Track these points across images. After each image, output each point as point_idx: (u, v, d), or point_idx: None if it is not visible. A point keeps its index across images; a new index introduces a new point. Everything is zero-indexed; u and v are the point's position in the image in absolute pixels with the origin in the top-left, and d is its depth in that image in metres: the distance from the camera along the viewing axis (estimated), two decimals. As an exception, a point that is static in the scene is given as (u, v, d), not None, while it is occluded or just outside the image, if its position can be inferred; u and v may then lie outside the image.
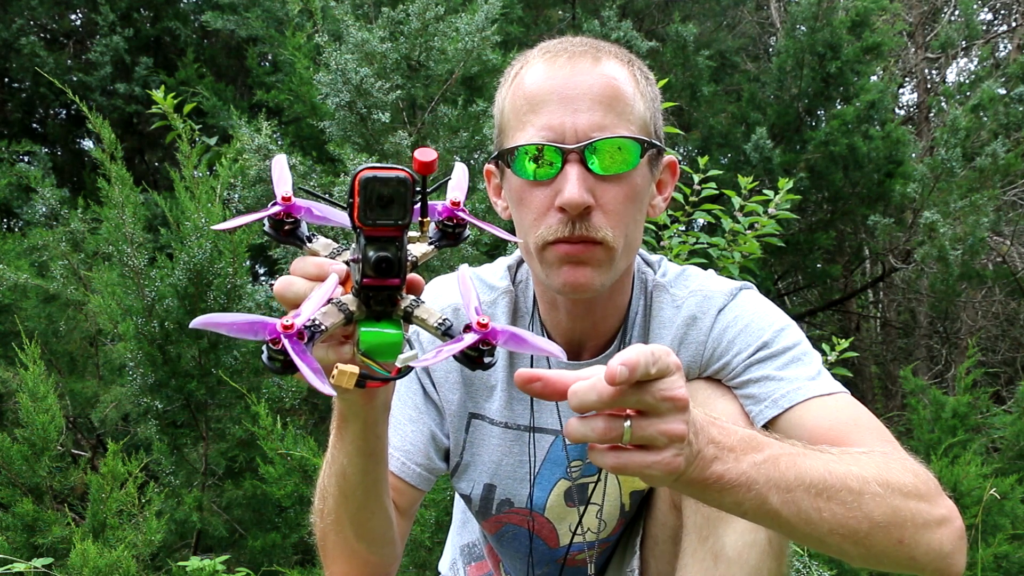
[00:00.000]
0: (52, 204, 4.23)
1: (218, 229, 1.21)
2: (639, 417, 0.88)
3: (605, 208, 1.23)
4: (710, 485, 0.95)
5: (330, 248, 0.98)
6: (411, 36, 3.67)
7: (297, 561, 3.16)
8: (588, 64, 1.25)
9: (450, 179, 1.00)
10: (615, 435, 0.88)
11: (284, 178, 0.97)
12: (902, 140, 5.65)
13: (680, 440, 0.89)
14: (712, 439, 0.94)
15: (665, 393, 0.87)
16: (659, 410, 0.88)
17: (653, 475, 0.90)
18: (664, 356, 0.88)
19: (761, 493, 0.96)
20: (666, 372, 0.88)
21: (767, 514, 0.99)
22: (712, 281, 1.43)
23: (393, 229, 0.87)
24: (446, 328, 0.93)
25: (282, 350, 0.84)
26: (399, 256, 0.88)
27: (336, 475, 1.17)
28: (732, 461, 0.95)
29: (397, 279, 0.89)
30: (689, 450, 0.91)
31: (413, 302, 0.93)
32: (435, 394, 1.42)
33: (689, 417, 0.90)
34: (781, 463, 0.98)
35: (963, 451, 3.65)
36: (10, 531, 2.61)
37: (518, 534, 1.52)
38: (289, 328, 0.84)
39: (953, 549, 1.11)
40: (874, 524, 1.04)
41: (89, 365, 3.94)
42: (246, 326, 0.85)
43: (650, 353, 0.86)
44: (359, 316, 0.91)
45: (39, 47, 6.05)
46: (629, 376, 0.85)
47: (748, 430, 1.01)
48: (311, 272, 0.93)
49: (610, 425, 0.88)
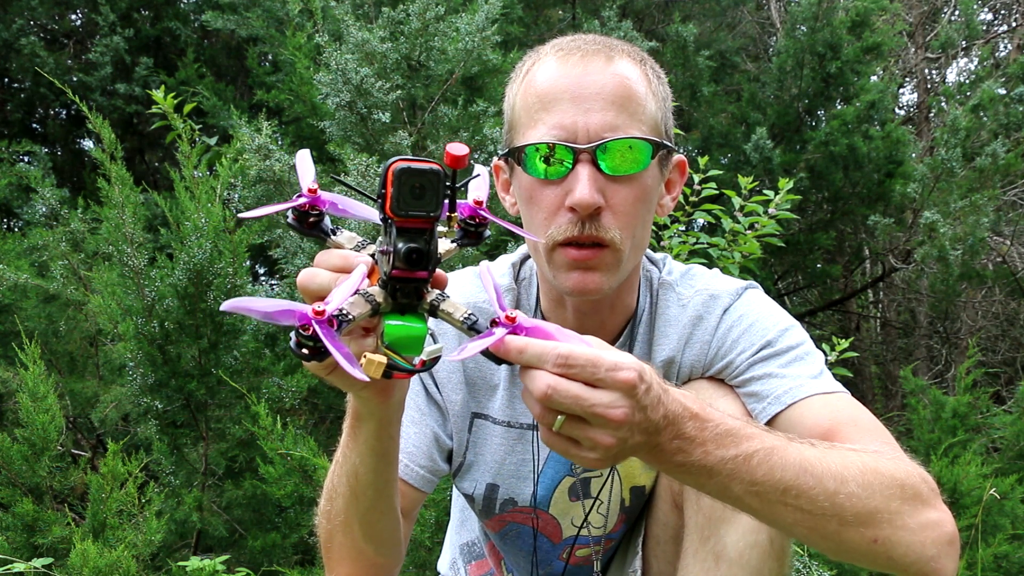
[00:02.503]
0: (52, 204, 4.22)
1: (245, 217, 1.22)
2: (572, 418, 0.92)
3: (615, 209, 1.23)
4: (670, 470, 1.02)
5: (354, 241, 0.99)
6: (411, 36, 3.66)
7: (297, 561, 3.16)
8: (601, 63, 1.24)
9: (472, 179, 1.01)
10: (547, 422, 0.93)
11: (308, 171, 0.98)
12: (902, 140, 5.65)
13: (606, 448, 0.93)
14: (680, 434, 0.97)
15: (595, 410, 0.90)
16: (589, 421, 0.92)
17: (578, 462, 0.97)
18: (611, 373, 0.90)
19: (723, 483, 1.00)
20: (601, 385, 0.91)
21: (729, 500, 1.03)
22: (717, 280, 1.43)
23: (424, 221, 0.87)
24: (472, 323, 0.93)
25: (312, 336, 0.85)
26: (429, 248, 0.88)
27: (347, 475, 1.17)
28: (699, 454, 0.98)
29: (425, 271, 0.89)
30: (620, 448, 0.94)
31: (439, 296, 0.94)
32: (438, 395, 1.42)
33: (623, 432, 0.93)
34: (754, 460, 1.00)
35: (963, 451, 3.65)
36: (10, 531, 2.61)
37: (522, 532, 1.52)
38: (320, 314, 0.84)
39: (938, 553, 1.10)
40: (844, 522, 1.04)
41: (89, 365, 3.94)
42: (278, 312, 0.85)
43: (592, 360, 0.90)
44: (385, 308, 0.92)
45: (39, 47, 6.05)
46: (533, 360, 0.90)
47: (736, 423, 1.02)
48: (336, 264, 0.94)
49: (544, 413, 0.92)
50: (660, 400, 0.95)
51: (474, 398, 1.43)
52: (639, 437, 0.94)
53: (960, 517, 3.18)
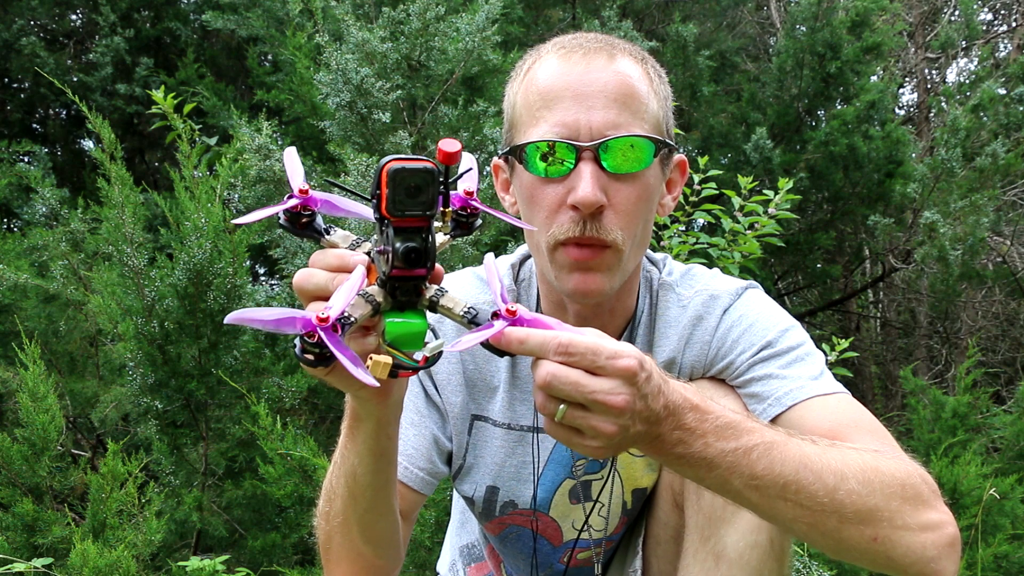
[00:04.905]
0: (52, 204, 4.23)
1: (238, 223, 1.21)
2: (574, 406, 0.92)
3: (617, 208, 1.22)
4: (670, 462, 1.02)
5: (349, 240, 0.98)
6: (411, 36, 3.66)
7: (297, 561, 3.16)
8: (603, 61, 1.24)
9: (462, 170, 1.01)
10: (549, 412, 0.93)
11: (297, 170, 0.97)
12: (902, 140, 5.65)
13: (608, 436, 0.93)
14: (681, 424, 0.98)
15: (595, 397, 0.91)
16: (590, 408, 0.92)
17: (581, 451, 0.97)
18: (611, 361, 0.91)
19: (722, 476, 1.00)
20: (602, 373, 0.91)
21: (729, 494, 1.03)
22: (717, 280, 1.42)
23: (421, 220, 0.87)
24: (472, 317, 0.94)
25: (318, 343, 0.85)
26: (427, 246, 0.88)
27: (346, 476, 1.17)
28: (699, 446, 0.98)
29: (424, 269, 0.89)
30: (622, 437, 0.94)
31: (438, 291, 0.94)
32: (437, 397, 1.41)
33: (625, 419, 0.93)
34: (753, 454, 1.00)
35: (963, 451, 3.65)
36: (10, 531, 2.61)
37: (522, 535, 1.51)
38: (324, 320, 0.84)
39: (938, 555, 1.09)
40: (844, 520, 1.04)
41: (89, 365, 3.94)
42: (280, 321, 0.85)
43: (592, 348, 0.91)
44: (385, 307, 0.92)
45: (39, 47, 6.05)
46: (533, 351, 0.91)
47: (736, 416, 1.02)
48: (332, 264, 0.93)
49: (547, 401, 0.93)
50: (661, 390, 0.96)
51: (474, 400, 1.43)
52: (640, 426, 0.95)
53: (960, 517, 3.19)
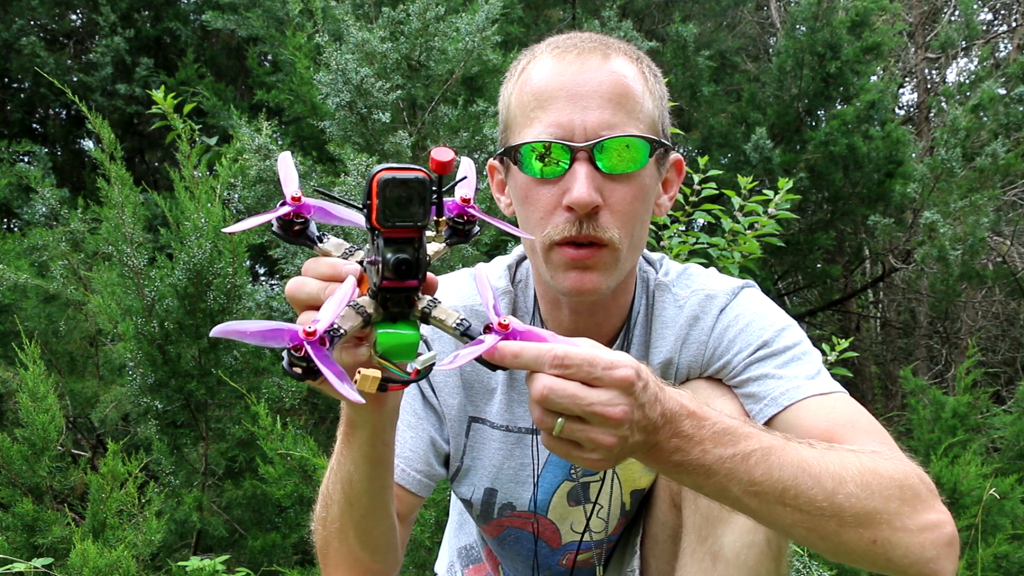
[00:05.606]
0: (52, 204, 4.23)
1: (228, 232, 1.20)
2: (572, 419, 0.92)
3: (613, 208, 1.22)
4: (668, 470, 1.01)
5: (342, 248, 0.97)
6: (411, 36, 3.66)
7: (297, 561, 3.16)
8: (598, 61, 1.23)
9: (459, 177, 1.00)
10: (547, 426, 0.93)
11: (291, 177, 0.96)
12: (902, 140, 5.65)
13: (607, 448, 0.93)
14: (678, 432, 0.97)
15: (594, 409, 0.90)
16: (588, 420, 0.92)
17: (580, 464, 0.97)
18: (608, 371, 0.91)
19: (721, 483, 1.00)
20: (598, 384, 0.91)
21: (727, 500, 1.03)
22: (714, 280, 1.42)
23: (412, 231, 0.86)
24: (464, 329, 0.92)
25: (304, 356, 0.83)
26: (418, 257, 0.87)
27: (342, 482, 1.16)
28: (697, 453, 0.98)
29: (416, 280, 0.88)
30: (621, 448, 0.94)
31: (430, 303, 0.92)
32: (434, 399, 1.41)
33: (623, 430, 0.93)
34: (751, 459, 1.00)
35: (963, 451, 3.65)
36: (10, 531, 2.61)
37: (521, 537, 1.51)
38: (311, 335, 0.83)
39: (937, 555, 1.09)
40: (843, 523, 1.04)
41: (89, 365, 3.94)
42: (267, 333, 0.84)
43: (588, 359, 0.90)
44: (376, 318, 0.90)
45: (39, 47, 6.05)
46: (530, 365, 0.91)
47: (733, 422, 1.02)
48: (324, 273, 0.92)
49: (544, 416, 0.92)
50: (657, 398, 0.95)
51: (471, 402, 1.42)
52: (639, 436, 0.94)
53: (960, 517, 3.19)
